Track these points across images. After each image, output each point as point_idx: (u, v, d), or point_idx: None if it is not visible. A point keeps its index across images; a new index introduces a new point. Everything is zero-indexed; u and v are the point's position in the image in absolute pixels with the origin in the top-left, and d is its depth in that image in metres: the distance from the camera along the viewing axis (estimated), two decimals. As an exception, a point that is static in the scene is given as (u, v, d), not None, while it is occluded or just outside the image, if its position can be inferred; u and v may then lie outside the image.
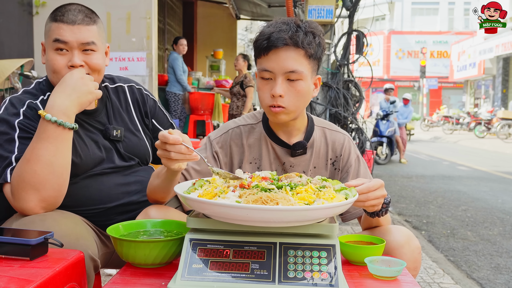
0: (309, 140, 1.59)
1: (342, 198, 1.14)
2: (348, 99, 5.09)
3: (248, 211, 1.02)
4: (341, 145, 1.60)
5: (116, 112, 1.75)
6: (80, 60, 1.56)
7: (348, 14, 5.23)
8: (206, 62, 10.71)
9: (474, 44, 25.52)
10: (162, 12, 9.22)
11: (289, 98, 1.44)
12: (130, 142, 1.73)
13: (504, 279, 3.42)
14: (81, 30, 1.55)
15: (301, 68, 1.42)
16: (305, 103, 1.49)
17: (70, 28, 1.55)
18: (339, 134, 1.62)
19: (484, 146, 15.43)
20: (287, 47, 1.41)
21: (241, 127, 1.61)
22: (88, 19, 1.58)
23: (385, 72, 32.95)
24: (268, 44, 1.41)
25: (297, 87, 1.44)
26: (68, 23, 1.55)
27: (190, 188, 1.23)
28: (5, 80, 3.63)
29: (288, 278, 1.07)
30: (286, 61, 1.41)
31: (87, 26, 1.57)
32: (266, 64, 1.43)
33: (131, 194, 1.68)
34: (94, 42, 1.57)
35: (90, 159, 1.62)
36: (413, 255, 1.39)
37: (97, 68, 1.60)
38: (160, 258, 1.20)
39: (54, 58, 1.56)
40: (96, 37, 1.59)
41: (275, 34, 1.40)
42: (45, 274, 1.08)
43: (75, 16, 1.56)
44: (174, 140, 1.22)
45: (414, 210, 5.76)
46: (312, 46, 1.42)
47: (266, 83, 1.46)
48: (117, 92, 1.79)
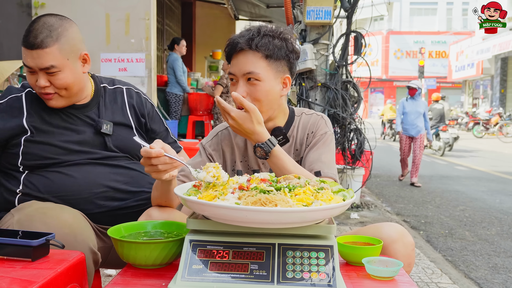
0: (289, 131, 1.63)
1: (340, 199, 1.16)
2: (347, 99, 5.11)
3: (247, 213, 1.03)
4: (314, 123, 1.65)
5: (108, 109, 1.81)
6: (45, 82, 1.63)
7: (346, 15, 5.24)
8: (205, 63, 10.71)
9: (472, 44, 25.55)
10: (161, 12, 9.23)
11: (251, 98, 1.51)
12: (120, 137, 1.79)
13: (501, 278, 3.43)
14: (39, 55, 1.60)
15: (258, 70, 1.50)
16: (271, 103, 1.54)
17: (30, 53, 1.61)
18: (313, 115, 1.67)
19: (482, 146, 15.46)
20: (244, 51, 1.51)
21: (229, 128, 1.68)
22: (48, 40, 1.61)
23: (384, 72, 32.98)
24: (229, 50, 1.55)
25: (256, 87, 1.51)
26: (27, 47, 1.61)
27: (189, 190, 1.25)
28: (5, 81, 3.63)
29: (287, 278, 1.09)
30: (243, 64, 1.51)
31: (45, 49, 1.60)
32: (231, 68, 1.55)
33: (119, 182, 1.73)
34: (53, 65, 1.61)
35: (68, 147, 1.69)
36: (407, 251, 1.41)
37: (62, 86, 1.65)
38: (160, 259, 1.21)
39: (28, 77, 1.67)
40: (56, 59, 1.62)
41: (235, 40, 1.52)
42: (47, 275, 1.09)
43: (34, 38, 1.60)
44: (156, 153, 1.28)
45: (412, 210, 5.78)
46: (269, 48, 1.49)
47: (233, 85, 1.55)
48: (114, 92, 1.87)
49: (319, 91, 5.10)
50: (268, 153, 1.47)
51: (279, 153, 1.48)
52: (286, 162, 1.48)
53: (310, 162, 1.56)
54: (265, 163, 1.62)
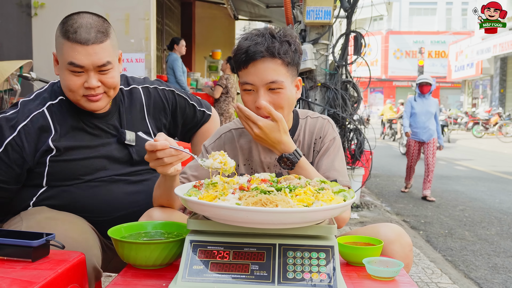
0: (295, 134, 1.62)
1: (341, 200, 1.16)
2: (346, 99, 5.11)
3: (248, 213, 1.03)
4: (321, 128, 1.62)
5: (128, 115, 1.72)
6: (97, 81, 1.53)
7: (346, 15, 5.24)
8: (204, 63, 10.72)
9: (471, 44, 25.56)
10: (160, 13, 9.22)
11: (274, 107, 1.46)
12: (143, 146, 1.70)
13: (501, 278, 3.44)
14: (96, 50, 1.49)
15: (281, 77, 1.46)
16: (290, 108, 1.53)
17: (85, 49, 1.48)
18: (319, 119, 1.65)
19: (482, 146, 15.47)
20: (264, 59, 1.44)
21: (232, 130, 1.65)
22: (101, 35, 1.51)
23: (383, 72, 32.99)
24: (246, 58, 1.45)
25: (279, 96, 1.47)
26: (81, 43, 1.48)
27: (190, 190, 1.25)
28: (4, 81, 3.63)
29: (288, 279, 1.09)
30: (265, 73, 1.45)
31: (101, 45, 1.50)
32: (246, 77, 1.47)
33: (140, 204, 1.66)
34: (109, 61, 1.53)
35: (94, 164, 1.61)
36: (404, 252, 1.40)
37: (113, 85, 1.58)
38: (161, 259, 1.21)
39: (70, 79, 1.53)
40: (111, 54, 1.54)
41: (252, 48, 1.44)
42: (47, 275, 1.09)
43: (88, 33, 1.49)
44: (162, 146, 1.27)
45: (412, 210, 5.78)
46: (289, 55, 1.46)
47: (249, 94, 1.49)
48: (131, 94, 1.76)
49: (319, 91, 5.10)
50: (295, 163, 1.45)
51: (304, 164, 1.47)
52: (310, 173, 1.47)
53: (324, 170, 1.55)
54: (270, 167, 1.61)
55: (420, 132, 6.46)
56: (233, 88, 7.41)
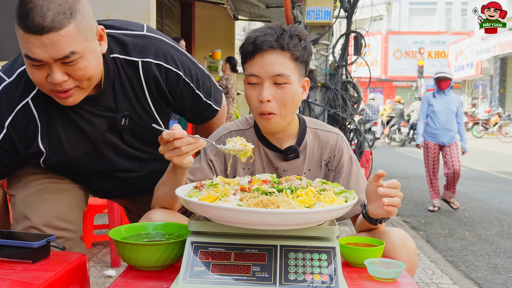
0: (302, 143, 1.57)
1: (342, 201, 1.16)
2: (347, 100, 5.11)
3: (249, 214, 1.03)
4: (335, 146, 1.59)
5: (123, 92, 1.51)
6: (62, 75, 1.26)
7: (346, 15, 5.24)
8: (204, 63, 10.72)
9: (471, 44, 25.57)
10: (160, 13, 9.22)
11: (278, 103, 1.42)
12: (139, 127, 1.58)
13: (502, 279, 3.43)
14: (53, 41, 1.20)
15: (288, 71, 1.40)
16: (294, 108, 1.47)
17: (38, 40, 1.20)
18: (332, 135, 1.60)
19: (482, 146, 15.47)
20: (272, 50, 1.40)
21: (233, 132, 1.60)
22: (61, 18, 1.20)
23: (383, 72, 33.00)
24: (253, 47, 1.41)
25: (284, 91, 1.42)
26: (34, 32, 1.20)
27: (191, 191, 1.24)
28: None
29: (289, 280, 1.09)
30: (272, 65, 1.40)
31: (60, 32, 1.20)
32: (252, 68, 1.42)
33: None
34: (74, 51, 1.24)
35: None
36: (409, 257, 1.40)
37: (84, 77, 1.30)
38: (161, 260, 1.21)
39: (32, 73, 1.29)
40: (77, 41, 1.24)
41: (261, 38, 1.40)
42: (48, 277, 1.09)
43: (43, 17, 1.19)
44: (180, 134, 1.26)
45: (412, 211, 5.78)
46: (298, 49, 1.42)
47: (253, 88, 1.44)
48: (129, 67, 1.49)
49: (319, 91, 5.09)
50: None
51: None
52: None
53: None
54: (271, 171, 1.58)
55: (440, 134, 5.46)
56: (233, 88, 7.41)
